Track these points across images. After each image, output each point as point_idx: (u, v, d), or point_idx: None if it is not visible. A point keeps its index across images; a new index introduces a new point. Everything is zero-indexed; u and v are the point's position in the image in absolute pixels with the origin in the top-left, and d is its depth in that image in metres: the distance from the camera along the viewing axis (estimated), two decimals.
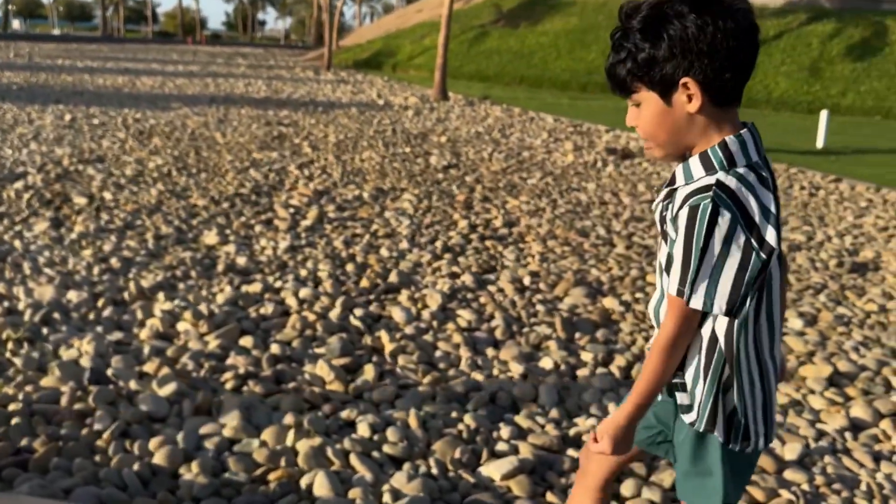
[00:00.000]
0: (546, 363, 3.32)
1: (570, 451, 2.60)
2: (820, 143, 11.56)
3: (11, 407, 2.63)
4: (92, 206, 5.67)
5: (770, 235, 1.30)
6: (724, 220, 1.27)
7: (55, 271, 4.15)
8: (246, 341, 3.36)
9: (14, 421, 2.53)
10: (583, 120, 14.41)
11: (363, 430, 2.62)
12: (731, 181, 1.30)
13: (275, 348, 3.28)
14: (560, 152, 10.04)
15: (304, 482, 2.31)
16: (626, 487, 2.39)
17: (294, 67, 31.03)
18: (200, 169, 7.47)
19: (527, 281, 4.47)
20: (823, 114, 11.73)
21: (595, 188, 7.69)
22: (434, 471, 2.42)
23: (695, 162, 1.35)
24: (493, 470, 2.43)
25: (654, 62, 1.32)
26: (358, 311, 3.78)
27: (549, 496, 2.34)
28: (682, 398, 1.46)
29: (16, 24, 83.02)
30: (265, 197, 6.40)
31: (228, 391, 2.88)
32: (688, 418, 1.46)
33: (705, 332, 1.39)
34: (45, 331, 3.36)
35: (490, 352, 3.43)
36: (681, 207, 1.31)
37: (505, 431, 2.68)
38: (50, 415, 2.62)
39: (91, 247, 4.67)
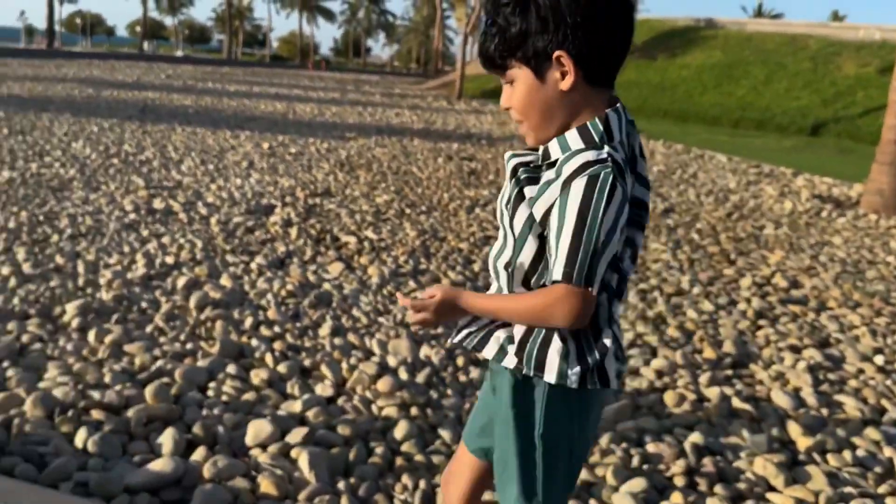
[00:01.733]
0: None
1: None
2: None
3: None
4: (366, 246, 5.61)
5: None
6: (619, 193, 1.22)
7: (390, 321, 4.04)
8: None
9: None
10: (757, 160, 13.72)
11: None
12: (618, 156, 1.27)
13: (695, 437, 2.99)
14: (770, 198, 9.49)
15: None
16: None
17: (425, 96, 31.45)
18: (430, 207, 7.39)
19: (879, 360, 4.04)
20: None
21: (842, 242, 7.15)
22: None
23: (572, 135, 1.30)
24: None
25: (526, 36, 1.26)
26: (728, 390, 3.46)
27: None
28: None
29: (144, 45, 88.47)
30: None
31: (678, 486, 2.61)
32: (509, 362, 1.38)
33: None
34: (433, 394, 3.20)
35: None
36: (574, 176, 1.23)
37: None
38: None
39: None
